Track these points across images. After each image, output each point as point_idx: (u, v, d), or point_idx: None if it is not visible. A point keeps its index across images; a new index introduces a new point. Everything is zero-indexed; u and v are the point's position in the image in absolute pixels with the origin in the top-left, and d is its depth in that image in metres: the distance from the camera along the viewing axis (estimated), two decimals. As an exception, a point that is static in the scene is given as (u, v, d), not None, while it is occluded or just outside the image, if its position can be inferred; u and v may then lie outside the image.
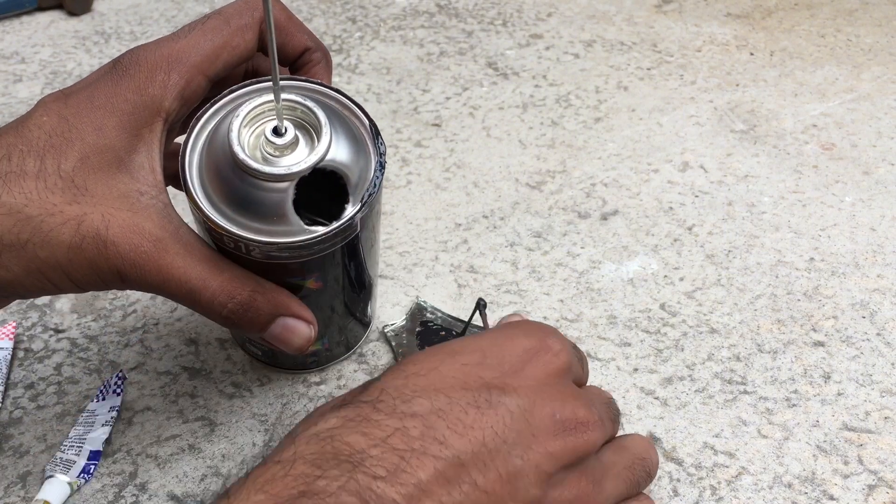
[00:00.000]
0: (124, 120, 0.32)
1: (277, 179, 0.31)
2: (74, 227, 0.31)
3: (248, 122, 0.32)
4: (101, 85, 0.33)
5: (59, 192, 0.31)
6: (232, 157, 0.31)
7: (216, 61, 0.34)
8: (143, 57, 0.33)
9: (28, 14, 0.85)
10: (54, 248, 0.30)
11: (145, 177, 0.32)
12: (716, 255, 0.53)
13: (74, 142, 0.31)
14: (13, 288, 0.32)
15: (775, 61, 0.74)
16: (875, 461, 0.41)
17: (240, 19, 0.34)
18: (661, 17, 0.82)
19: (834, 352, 0.47)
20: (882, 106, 0.67)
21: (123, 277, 0.32)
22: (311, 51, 0.37)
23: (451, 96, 0.70)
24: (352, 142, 0.33)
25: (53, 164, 0.31)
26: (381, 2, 0.86)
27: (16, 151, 0.31)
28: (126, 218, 0.31)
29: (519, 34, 0.79)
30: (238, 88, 0.34)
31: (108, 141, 0.32)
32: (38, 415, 0.44)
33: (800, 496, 0.39)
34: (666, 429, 0.43)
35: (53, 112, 0.32)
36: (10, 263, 0.31)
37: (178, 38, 0.34)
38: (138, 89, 0.32)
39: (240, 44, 0.34)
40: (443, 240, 0.55)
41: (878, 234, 0.55)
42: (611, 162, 0.62)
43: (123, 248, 0.31)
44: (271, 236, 0.32)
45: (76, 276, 0.31)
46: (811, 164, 0.61)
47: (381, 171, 0.33)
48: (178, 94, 0.33)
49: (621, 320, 0.49)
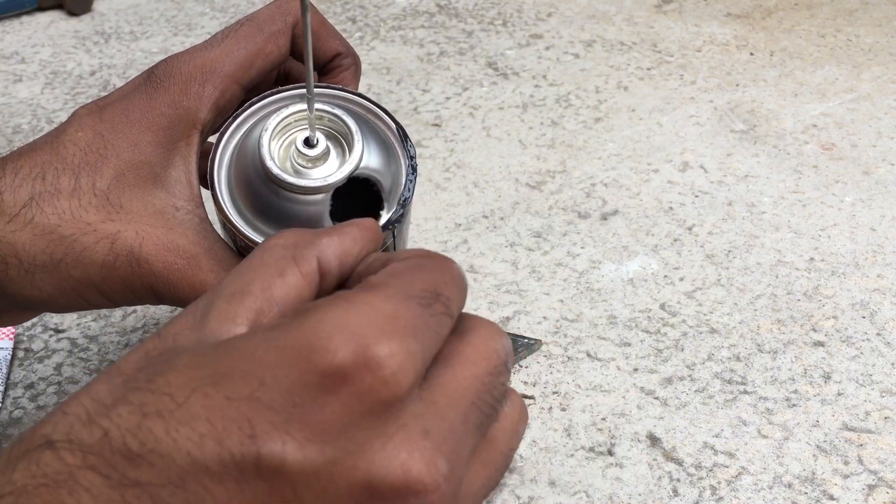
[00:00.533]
0: (160, 135, 0.32)
1: (314, 192, 0.31)
2: (108, 246, 0.30)
3: (277, 134, 0.32)
4: (136, 98, 0.32)
5: (93, 210, 0.31)
6: (265, 172, 0.31)
7: (250, 69, 0.33)
8: (176, 68, 0.32)
9: (28, 14, 0.85)
10: (87, 266, 0.30)
11: (182, 191, 0.32)
12: (716, 255, 0.53)
13: (110, 158, 0.31)
14: (46, 306, 0.32)
15: (775, 61, 0.74)
16: (875, 461, 0.41)
17: (272, 25, 0.34)
18: (661, 17, 0.82)
19: (834, 352, 0.47)
20: (882, 106, 0.67)
21: (157, 294, 0.31)
22: (342, 56, 0.36)
23: (451, 96, 0.70)
24: (381, 147, 0.32)
25: (88, 182, 0.31)
26: (381, 2, 0.86)
27: (50, 169, 0.31)
28: (160, 235, 0.31)
29: (519, 34, 0.79)
30: (265, 97, 0.34)
31: (144, 157, 0.31)
32: (38, 415, 0.44)
33: (800, 496, 0.39)
34: (666, 429, 0.43)
35: (88, 127, 0.32)
36: (43, 283, 0.30)
37: (212, 47, 0.33)
38: (173, 103, 0.32)
39: (273, 50, 0.34)
40: (443, 240, 0.55)
41: (878, 234, 0.55)
42: (611, 162, 0.62)
43: (157, 266, 0.31)
44: None
45: (109, 293, 0.31)
46: (811, 164, 0.61)
47: (413, 175, 0.33)
48: (213, 105, 0.33)
49: (621, 320, 0.49)
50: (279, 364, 0.19)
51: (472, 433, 0.22)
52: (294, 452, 0.18)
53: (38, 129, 0.67)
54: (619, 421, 0.43)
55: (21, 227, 0.30)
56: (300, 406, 0.19)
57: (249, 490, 0.18)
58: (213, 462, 0.18)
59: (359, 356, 0.19)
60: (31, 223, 0.30)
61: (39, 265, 0.30)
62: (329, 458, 0.19)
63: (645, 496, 0.39)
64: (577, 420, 0.43)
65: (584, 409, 0.43)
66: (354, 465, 0.19)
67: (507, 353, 0.23)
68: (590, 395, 0.44)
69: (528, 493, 0.39)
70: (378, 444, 0.19)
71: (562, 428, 0.42)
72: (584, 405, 0.44)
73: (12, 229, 0.30)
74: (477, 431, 0.22)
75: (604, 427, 0.43)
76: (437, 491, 0.19)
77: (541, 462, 0.41)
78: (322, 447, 0.19)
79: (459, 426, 0.21)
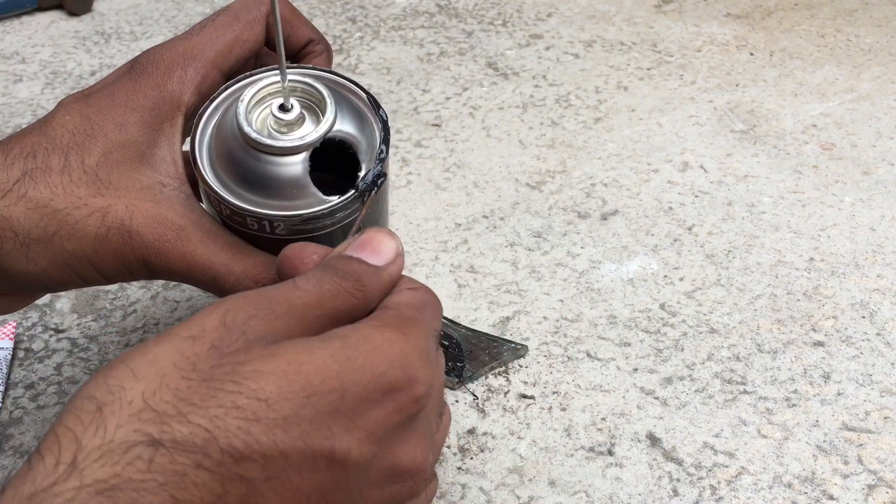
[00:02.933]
0: (145, 115, 0.33)
1: (291, 152, 0.32)
2: (100, 219, 0.31)
3: (253, 106, 0.33)
4: (121, 84, 0.34)
5: (83, 186, 0.31)
6: (243, 138, 0.32)
7: (229, 55, 0.35)
8: (159, 56, 0.34)
9: (28, 14, 0.85)
10: (80, 239, 0.31)
11: (167, 169, 0.33)
12: (716, 255, 0.53)
13: (97, 138, 0.32)
14: (41, 281, 0.32)
15: (775, 61, 0.74)
16: (875, 461, 0.41)
17: (248, 14, 0.36)
18: (661, 17, 0.82)
19: (834, 352, 0.47)
20: (882, 106, 0.68)
21: (149, 266, 0.32)
22: (314, 42, 0.38)
23: (451, 96, 0.70)
24: (354, 114, 0.34)
25: (77, 160, 0.32)
26: (381, 2, 0.86)
27: (40, 149, 0.32)
28: (149, 208, 0.32)
29: (519, 34, 0.79)
30: (241, 78, 0.35)
31: (130, 136, 0.33)
32: (38, 415, 0.44)
33: (800, 496, 0.39)
34: (666, 429, 0.43)
35: (75, 111, 0.33)
36: (38, 257, 0.31)
37: (192, 36, 0.35)
38: (157, 86, 0.33)
39: (249, 37, 0.36)
40: (443, 240, 0.55)
41: (878, 234, 0.55)
42: (611, 162, 0.62)
43: (148, 238, 0.32)
44: (294, 210, 0.32)
45: (103, 267, 0.32)
46: (811, 164, 0.61)
47: (386, 137, 0.34)
48: (195, 88, 0.34)
49: (621, 320, 0.49)
50: (356, 382, 0.25)
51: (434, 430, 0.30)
52: (355, 449, 0.25)
53: (38, 130, 0.67)
54: (619, 421, 0.43)
55: (15, 201, 0.31)
56: (361, 414, 0.25)
57: (319, 477, 0.24)
58: (299, 457, 0.24)
59: (405, 381, 0.26)
60: (24, 197, 0.31)
61: (34, 238, 0.31)
62: (374, 452, 0.25)
63: (645, 496, 0.39)
64: (577, 420, 0.43)
65: (584, 409, 0.43)
66: (385, 457, 0.26)
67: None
68: (590, 395, 0.44)
69: (527, 493, 0.39)
70: (402, 443, 0.27)
71: (562, 428, 0.43)
72: (584, 405, 0.44)
73: (6, 204, 0.31)
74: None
75: (604, 427, 0.43)
76: (426, 470, 0.28)
77: (541, 462, 0.41)
78: (371, 445, 0.25)
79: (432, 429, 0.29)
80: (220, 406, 0.23)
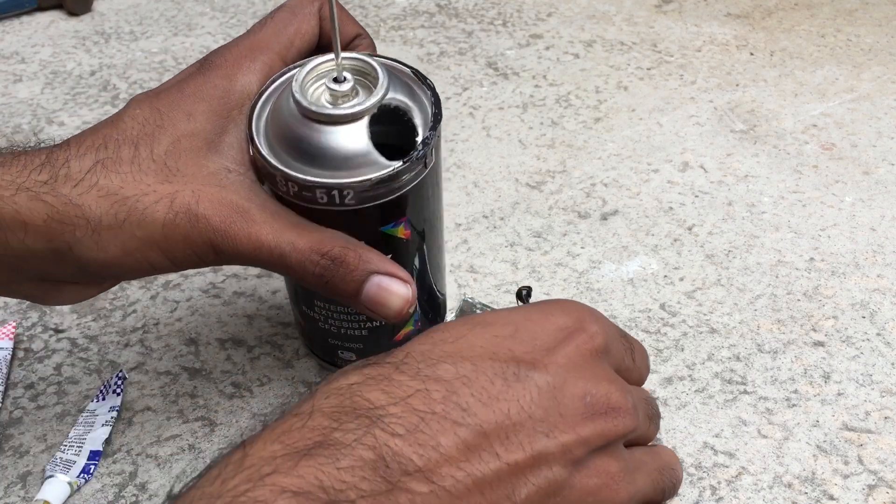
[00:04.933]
0: (214, 105, 0.35)
1: (352, 119, 0.33)
2: (168, 205, 0.32)
3: (309, 83, 0.35)
4: (191, 79, 0.35)
5: (151, 174, 0.33)
6: (301, 111, 0.33)
7: (291, 47, 0.37)
8: (227, 52, 0.36)
9: (28, 14, 0.85)
10: (149, 225, 0.32)
11: (234, 155, 0.35)
12: (716, 255, 0.53)
13: (167, 128, 0.34)
14: (111, 268, 0.33)
15: (775, 61, 0.74)
16: (875, 461, 0.41)
17: (303, 9, 0.38)
18: (661, 17, 0.82)
19: (834, 352, 0.47)
20: (882, 106, 0.67)
21: (217, 249, 0.33)
22: (361, 37, 0.40)
23: (451, 96, 0.70)
24: (405, 87, 0.36)
25: (147, 150, 0.33)
26: (381, 2, 0.86)
27: (111, 141, 0.33)
28: (215, 193, 0.33)
29: (519, 34, 0.79)
30: (297, 65, 0.37)
31: (199, 126, 0.34)
32: (38, 415, 0.44)
33: (800, 496, 0.39)
34: (666, 429, 0.43)
35: (146, 105, 0.34)
36: (109, 244, 0.32)
37: (255, 32, 0.37)
38: (227, 76, 0.35)
39: (308, 30, 0.38)
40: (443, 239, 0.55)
41: (878, 234, 0.55)
42: (611, 162, 0.62)
43: (214, 221, 0.33)
44: (361, 176, 0.33)
45: (172, 252, 0.33)
46: (811, 164, 0.61)
47: (437, 101, 0.36)
48: (263, 77, 0.36)
49: (621, 320, 0.49)
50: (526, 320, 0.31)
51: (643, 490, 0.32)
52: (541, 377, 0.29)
53: (37, 129, 0.67)
54: (619, 421, 0.43)
55: (87, 189, 0.32)
56: (549, 349, 0.30)
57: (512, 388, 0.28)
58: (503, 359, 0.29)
59: (579, 325, 0.31)
60: (95, 186, 0.32)
61: (105, 226, 0.32)
62: (561, 379, 0.29)
63: (645, 496, 0.39)
64: (577, 420, 0.43)
65: (584, 409, 0.43)
66: (575, 384, 0.29)
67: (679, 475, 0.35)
68: (590, 395, 0.44)
69: (528, 493, 0.39)
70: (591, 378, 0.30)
71: (562, 428, 0.42)
72: (584, 405, 0.44)
73: (79, 192, 0.32)
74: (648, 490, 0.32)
75: (604, 427, 0.42)
76: (628, 413, 0.30)
77: (541, 462, 0.41)
78: (557, 372, 0.29)
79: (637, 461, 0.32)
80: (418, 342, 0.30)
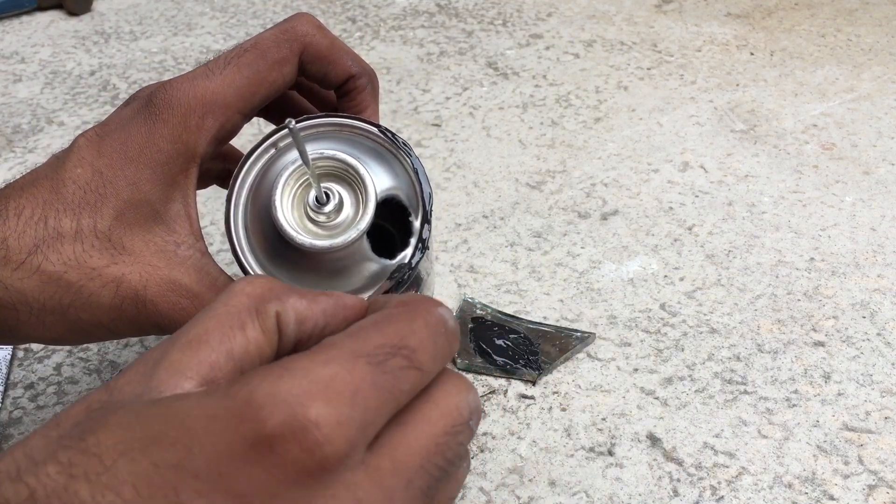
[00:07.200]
0: (158, 171, 0.32)
1: (342, 248, 0.31)
2: (114, 290, 0.31)
3: (288, 198, 0.32)
4: (135, 130, 0.32)
5: (96, 254, 0.31)
6: (290, 241, 0.31)
7: (252, 99, 0.33)
8: (176, 98, 0.32)
9: (28, 14, 0.85)
10: (95, 310, 0.31)
11: (182, 226, 0.33)
12: (716, 255, 0.53)
13: (109, 198, 0.31)
14: (57, 343, 0.33)
15: (775, 61, 0.74)
16: (875, 461, 0.41)
17: (277, 52, 0.33)
18: (661, 17, 0.82)
19: (834, 352, 0.47)
20: (882, 106, 0.67)
21: (164, 331, 0.32)
22: (356, 77, 0.36)
23: (451, 96, 0.70)
24: (384, 162, 0.33)
25: (90, 223, 0.31)
26: (381, 2, 0.86)
27: (52, 211, 0.31)
28: (163, 274, 0.32)
29: (519, 34, 0.79)
30: (276, 131, 0.33)
31: (143, 195, 0.32)
32: (38, 415, 0.44)
33: (800, 496, 0.39)
34: (666, 429, 0.43)
35: (87, 163, 0.32)
36: (54, 326, 0.31)
37: (213, 75, 0.32)
38: (172, 137, 0.32)
39: (277, 78, 0.33)
40: (443, 240, 0.55)
41: (878, 234, 0.55)
42: (611, 162, 0.62)
43: (162, 307, 0.31)
44: (359, 288, 0.32)
45: (118, 331, 0.32)
46: (811, 164, 0.61)
47: (421, 168, 0.33)
48: (212, 138, 0.32)
49: (621, 320, 0.49)
50: (208, 432, 0.19)
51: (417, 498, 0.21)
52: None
53: (37, 129, 0.67)
54: (619, 421, 0.43)
55: (28, 274, 0.30)
56: (225, 476, 0.18)
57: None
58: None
59: (286, 425, 0.18)
60: (37, 271, 0.30)
61: (49, 310, 0.31)
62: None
63: (645, 496, 0.39)
64: (577, 420, 0.43)
65: (584, 410, 0.43)
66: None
67: (470, 410, 0.23)
68: (590, 395, 0.44)
69: (527, 493, 0.39)
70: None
71: (562, 428, 0.42)
72: (584, 405, 0.44)
73: (20, 276, 0.30)
74: (422, 496, 0.21)
75: (604, 427, 0.42)
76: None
77: (541, 462, 0.41)
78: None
79: (401, 494, 0.20)
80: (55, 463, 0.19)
